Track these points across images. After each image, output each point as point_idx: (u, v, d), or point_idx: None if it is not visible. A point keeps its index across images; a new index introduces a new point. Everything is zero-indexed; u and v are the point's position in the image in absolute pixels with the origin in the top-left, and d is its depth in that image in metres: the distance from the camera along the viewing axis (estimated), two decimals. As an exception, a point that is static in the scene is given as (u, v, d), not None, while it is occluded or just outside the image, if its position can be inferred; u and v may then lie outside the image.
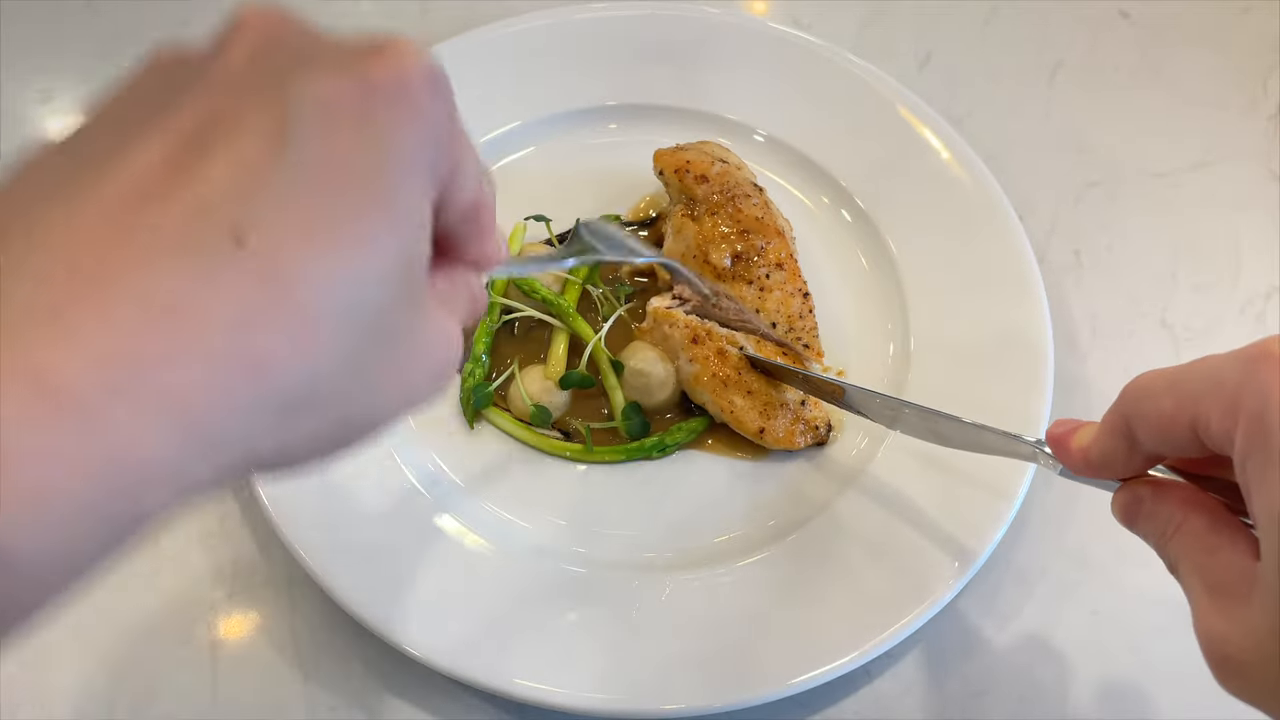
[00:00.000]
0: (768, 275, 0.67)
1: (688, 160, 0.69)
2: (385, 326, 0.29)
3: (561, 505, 0.64)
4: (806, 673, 0.56)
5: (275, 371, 0.25)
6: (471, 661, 0.56)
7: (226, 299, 0.24)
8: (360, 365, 0.28)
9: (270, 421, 0.26)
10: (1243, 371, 0.35)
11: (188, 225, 0.24)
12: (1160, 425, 0.38)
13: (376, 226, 0.27)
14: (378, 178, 0.27)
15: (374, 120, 0.27)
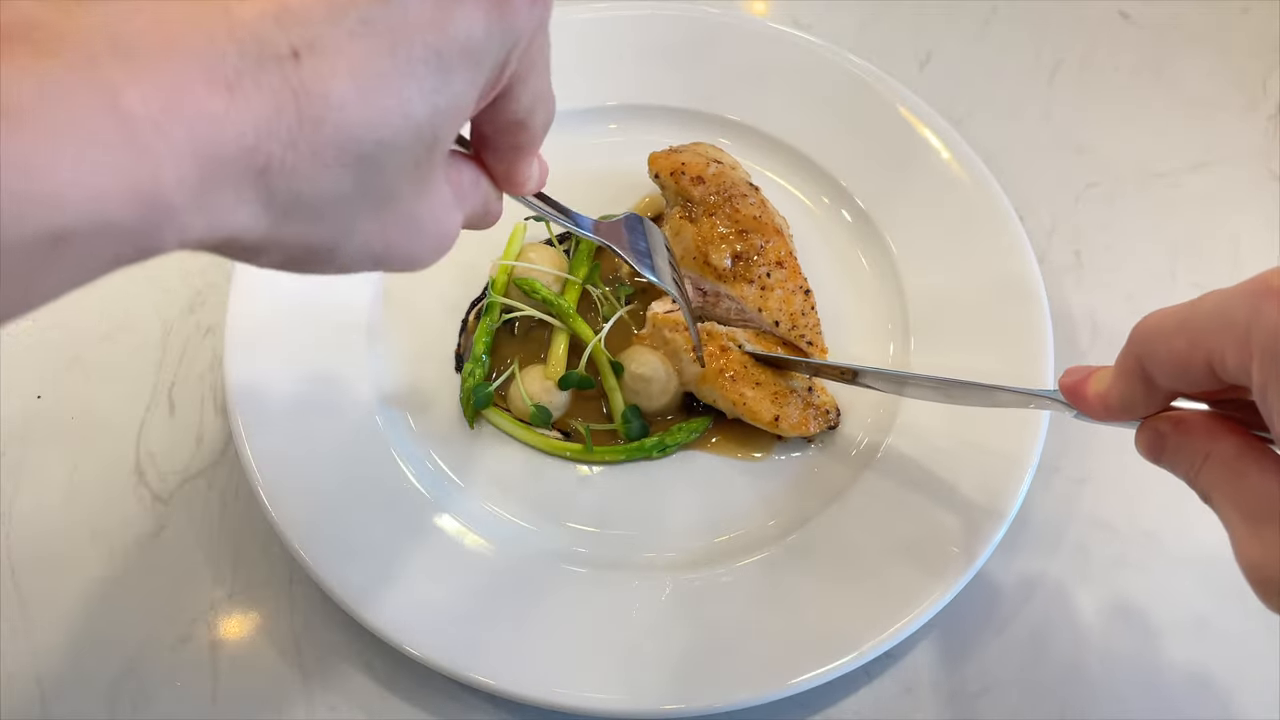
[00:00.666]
0: (768, 274, 0.67)
1: (683, 162, 0.69)
2: (384, 183, 0.30)
3: (561, 505, 0.64)
4: (806, 673, 0.56)
5: (275, 178, 0.27)
6: (471, 661, 0.56)
7: (266, 101, 0.26)
8: (350, 205, 0.30)
9: (261, 213, 0.28)
10: (1249, 307, 0.36)
11: (261, 21, 0.26)
12: (1176, 364, 0.38)
13: (413, 95, 0.29)
14: (438, 59, 0.29)
15: (461, 6, 0.29)
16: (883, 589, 0.58)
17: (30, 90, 0.23)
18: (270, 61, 0.26)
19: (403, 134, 0.29)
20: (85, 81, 0.24)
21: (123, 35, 0.24)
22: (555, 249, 0.72)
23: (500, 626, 0.58)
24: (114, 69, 0.24)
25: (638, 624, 0.58)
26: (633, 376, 0.66)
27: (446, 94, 0.30)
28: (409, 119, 0.29)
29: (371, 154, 0.29)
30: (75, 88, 0.23)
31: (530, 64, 0.34)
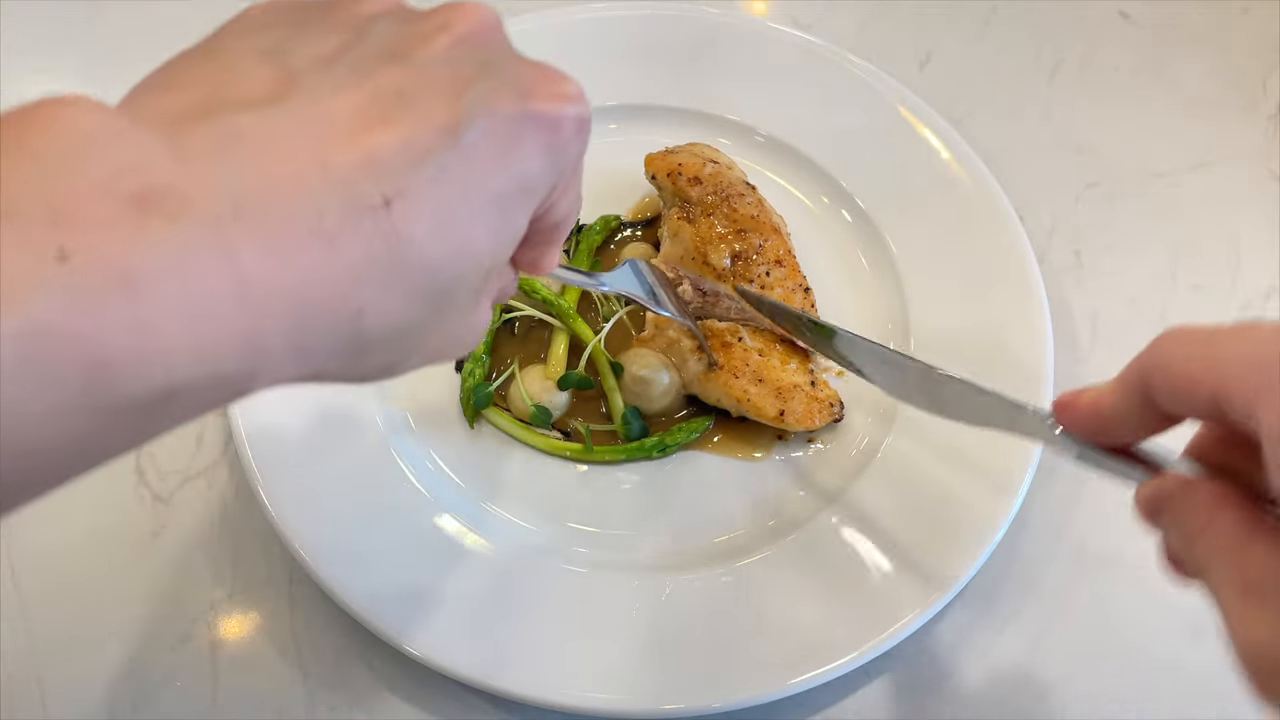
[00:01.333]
0: (768, 273, 0.67)
1: (679, 163, 0.69)
2: (449, 306, 0.33)
3: (561, 505, 0.64)
4: (806, 673, 0.56)
5: (366, 320, 0.29)
6: (471, 661, 0.56)
7: (359, 249, 0.28)
8: (419, 329, 0.32)
9: (344, 354, 0.30)
10: (1274, 349, 0.33)
11: (354, 173, 0.28)
12: (1184, 384, 0.36)
13: (485, 231, 0.32)
14: (500, 194, 0.32)
15: (522, 145, 0.32)
16: (882, 589, 0.58)
17: (162, 258, 0.24)
18: (366, 211, 0.28)
19: (472, 268, 0.32)
20: (211, 245, 0.25)
21: (241, 196, 0.26)
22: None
23: (500, 626, 0.58)
24: (234, 230, 0.25)
25: (637, 624, 0.58)
26: (633, 378, 0.66)
27: (509, 228, 0.33)
28: (478, 255, 0.32)
29: (445, 288, 0.31)
30: (203, 252, 0.25)
31: (572, 183, 0.37)
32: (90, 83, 0.84)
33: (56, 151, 0.24)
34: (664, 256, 0.69)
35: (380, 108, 0.29)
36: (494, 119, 0.31)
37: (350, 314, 0.29)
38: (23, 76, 0.84)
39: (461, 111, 0.31)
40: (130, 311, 0.23)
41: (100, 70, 0.85)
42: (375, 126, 0.29)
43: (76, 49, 0.86)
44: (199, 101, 0.28)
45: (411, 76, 0.31)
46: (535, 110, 0.33)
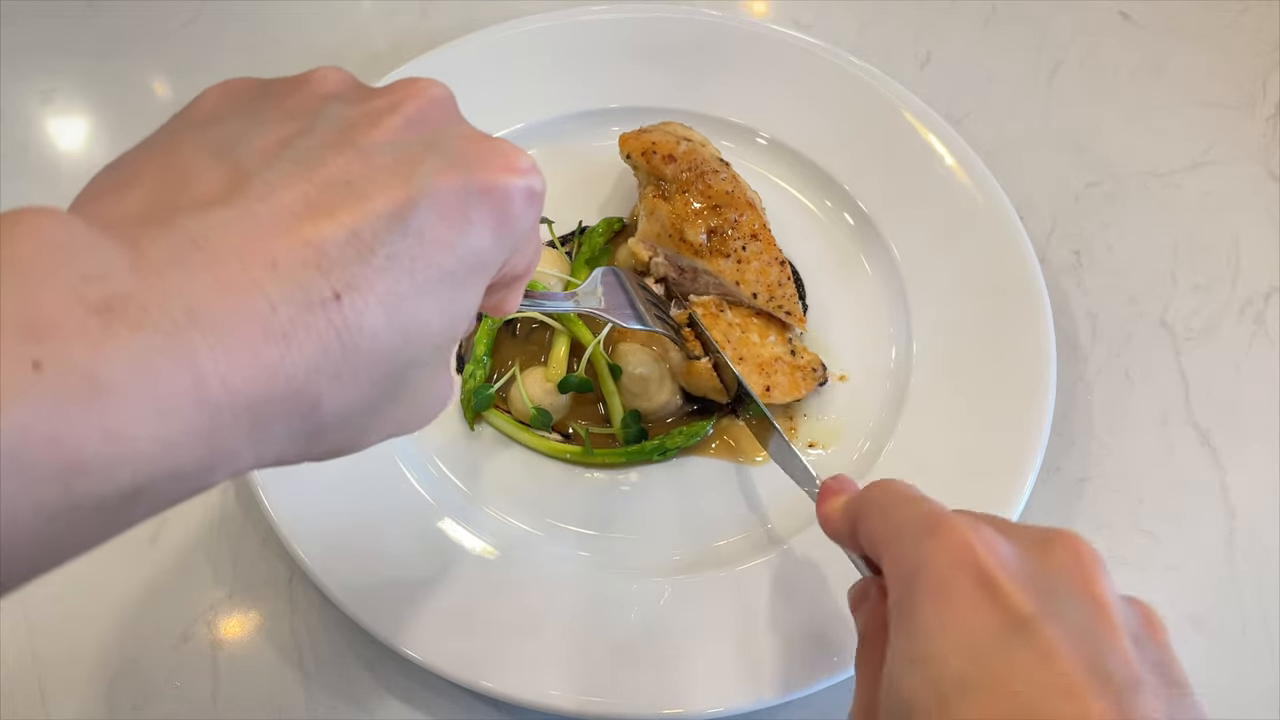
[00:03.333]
0: (744, 247, 0.67)
1: (653, 141, 0.70)
2: (409, 383, 0.33)
3: (560, 508, 0.64)
4: (806, 678, 0.56)
5: (322, 410, 0.30)
6: (469, 663, 0.56)
7: (313, 342, 0.29)
8: (378, 410, 0.33)
9: (299, 440, 0.31)
10: (915, 537, 0.38)
11: (303, 270, 0.28)
12: (867, 538, 0.42)
13: (436, 312, 0.32)
14: (451, 273, 0.32)
15: (469, 222, 0.32)
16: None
17: (126, 365, 0.25)
18: (317, 306, 0.28)
19: (425, 348, 0.32)
20: (170, 350, 0.26)
21: (196, 302, 0.26)
22: (557, 251, 0.72)
23: (499, 629, 0.57)
24: (190, 335, 0.26)
25: (637, 627, 0.58)
26: (631, 377, 0.66)
27: (462, 305, 0.33)
28: (430, 335, 0.32)
29: (399, 371, 0.32)
30: (163, 358, 0.26)
31: (527, 250, 0.37)
32: (90, 82, 0.84)
33: (29, 263, 0.25)
34: (641, 235, 0.70)
35: (327, 199, 0.30)
36: (441, 199, 0.31)
37: (307, 406, 0.29)
38: (23, 76, 0.84)
39: (408, 195, 0.31)
40: (99, 416, 0.25)
41: (100, 70, 0.85)
42: (321, 220, 0.29)
43: (76, 49, 0.86)
44: (154, 204, 0.29)
45: (358, 164, 0.31)
46: (483, 185, 0.33)
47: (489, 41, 0.78)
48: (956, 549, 0.37)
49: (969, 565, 0.36)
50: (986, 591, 0.35)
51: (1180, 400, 0.70)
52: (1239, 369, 0.72)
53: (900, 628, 0.37)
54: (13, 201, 0.84)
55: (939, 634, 0.35)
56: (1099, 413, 0.70)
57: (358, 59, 0.85)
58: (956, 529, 0.37)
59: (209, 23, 0.87)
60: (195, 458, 0.27)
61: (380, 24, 0.87)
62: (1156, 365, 0.72)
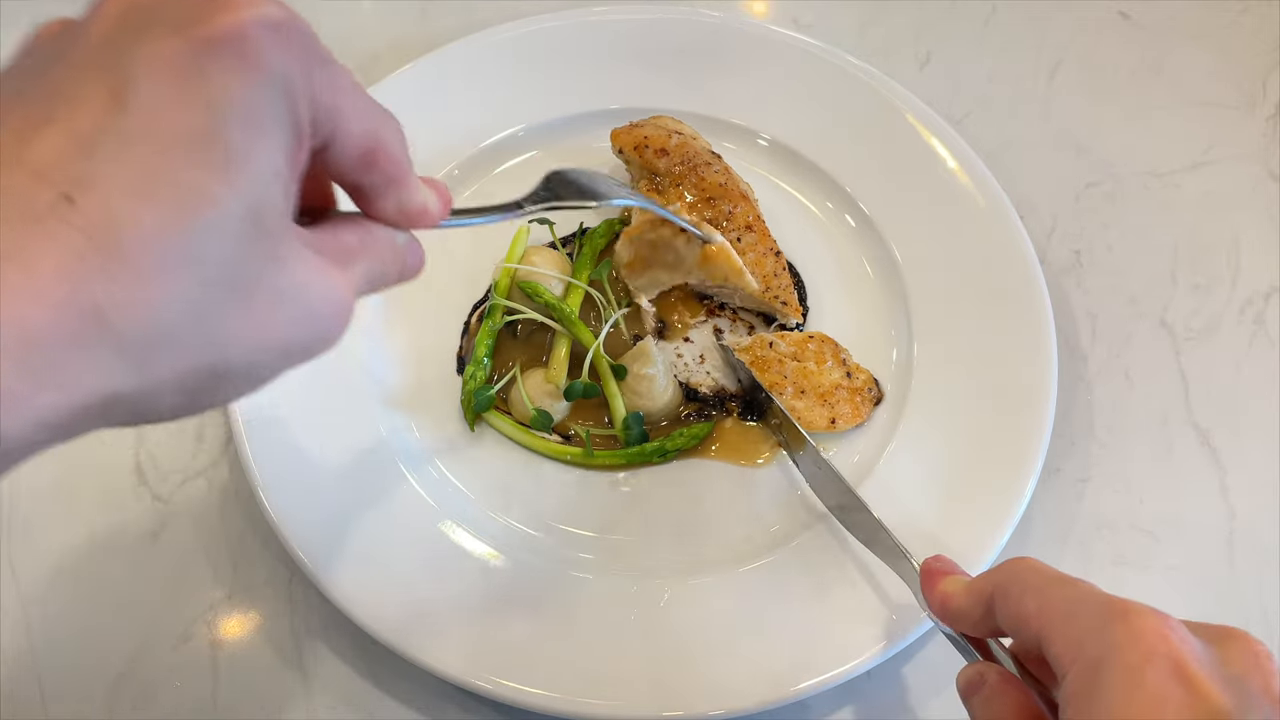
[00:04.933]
0: (739, 239, 0.68)
1: (645, 136, 0.70)
2: (232, 276, 0.30)
3: (561, 509, 0.64)
4: (808, 679, 0.56)
5: (113, 316, 0.27)
6: (469, 665, 0.56)
7: (58, 252, 0.26)
8: (209, 313, 0.29)
9: (120, 364, 0.28)
10: (1099, 621, 0.37)
11: (24, 188, 0.26)
12: (1016, 619, 0.41)
13: (210, 181, 0.28)
14: (209, 134, 0.29)
15: (204, 75, 0.29)
16: (886, 594, 0.58)
17: None
18: (46, 216, 0.26)
19: (210, 219, 0.29)
20: None
21: None
22: (559, 251, 0.72)
23: (498, 629, 0.57)
24: None
25: (637, 629, 0.58)
26: (635, 377, 0.66)
27: (244, 164, 0.29)
28: (208, 201, 0.28)
29: (191, 249, 0.28)
30: None
31: (334, 97, 0.33)
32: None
33: None
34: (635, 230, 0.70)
35: (39, 113, 0.28)
36: (158, 65, 0.28)
37: (87, 320, 0.27)
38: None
39: (121, 77, 0.28)
40: None
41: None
42: (31, 136, 0.27)
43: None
44: None
45: (65, 73, 0.29)
46: (205, 36, 0.29)
47: (489, 41, 0.78)
48: (1150, 637, 0.35)
49: (1164, 656, 0.35)
50: (1183, 683, 0.34)
51: (1180, 400, 0.70)
52: (1239, 369, 0.72)
53: (1082, 711, 0.35)
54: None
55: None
56: (1099, 413, 0.70)
57: (358, 59, 0.84)
58: (1147, 616, 0.36)
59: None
60: None
61: (380, 24, 0.87)
62: (1156, 365, 0.72)
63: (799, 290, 0.72)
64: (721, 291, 0.70)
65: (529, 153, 0.77)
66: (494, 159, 0.77)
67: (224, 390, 0.32)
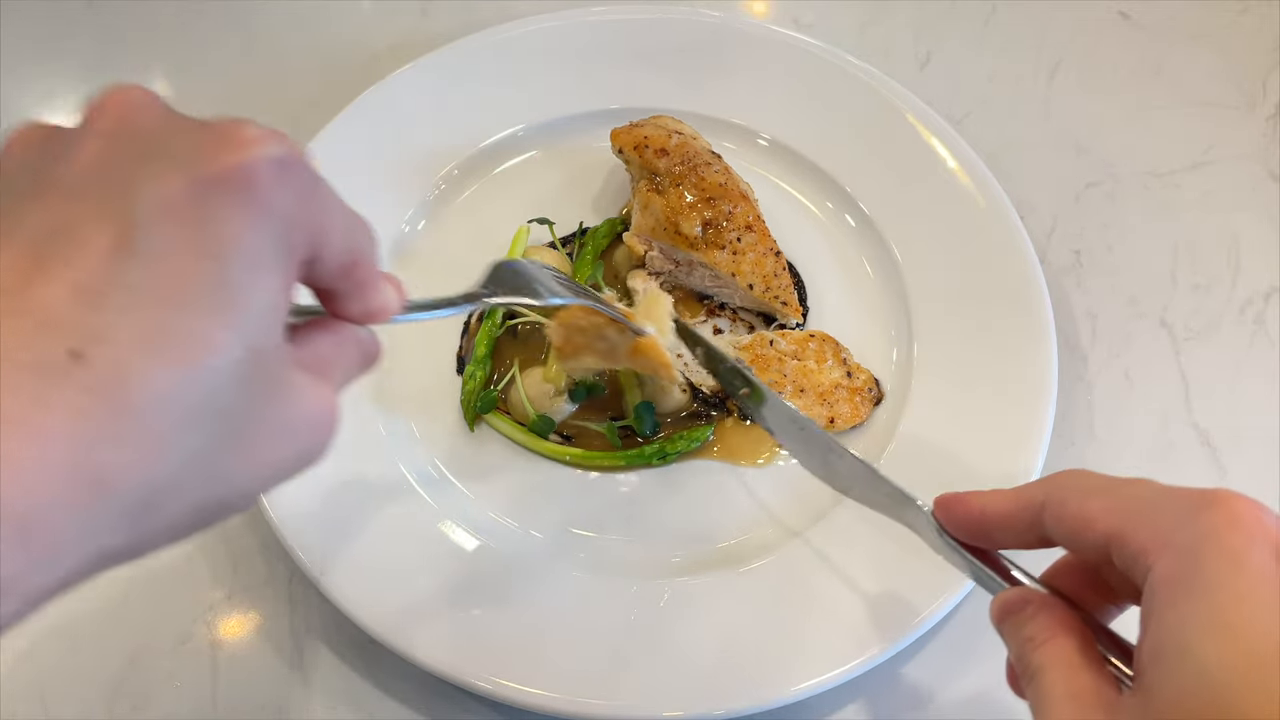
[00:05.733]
0: (739, 239, 0.68)
1: (645, 135, 0.70)
2: (234, 418, 0.29)
3: (560, 509, 0.64)
4: (805, 680, 0.56)
5: (116, 481, 0.26)
6: (469, 665, 0.56)
7: (65, 415, 0.25)
8: (210, 458, 0.29)
9: (117, 524, 0.27)
10: (1188, 508, 0.36)
11: (31, 340, 0.25)
12: (1078, 521, 0.40)
13: (216, 328, 0.28)
14: (216, 279, 0.28)
15: (210, 219, 0.28)
16: (886, 594, 0.58)
17: None
18: (56, 376, 0.25)
19: (218, 369, 0.28)
20: None
21: None
22: (559, 251, 0.72)
23: (498, 629, 0.57)
24: None
25: (637, 629, 0.58)
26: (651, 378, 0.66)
27: (248, 306, 0.29)
28: (214, 349, 0.28)
29: (197, 402, 0.27)
30: None
31: (323, 219, 0.32)
32: (89, 82, 0.84)
33: None
34: (635, 229, 0.70)
35: (36, 256, 0.26)
36: (166, 209, 0.27)
37: (90, 487, 0.25)
38: (22, 76, 0.84)
39: (127, 219, 0.27)
40: None
41: (99, 70, 0.85)
42: (34, 281, 0.26)
43: (76, 49, 0.86)
44: None
45: (61, 206, 0.27)
46: (211, 175, 0.28)
47: (489, 41, 0.78)
48: (1249, 520, 0.35)
49: (1263, 538, 0.35)
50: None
51: (1180, 400, 0.70)
52: (1239, 369, 0.72)
53: (1187, 599, 0.34)
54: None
55: (1242, 601, 0.33)
56: (1099, 413, 0.70)
57: (358, 59, 0.84)
58: (1240, 500, 0.36)
59: (208, 22, 0.87)
60: None
61: (380, 24, 0.87)
62: (1156, 365, 0.72)
63: (799, 290, 0.72)
64: (722, 291, 0.70)
65: (529, 153, 0.77)
66: (494, 159, 0.77)
67: (219, 517, 0.31)
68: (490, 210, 0.75)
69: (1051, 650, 0.40)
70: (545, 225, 0.73)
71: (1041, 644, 0.40)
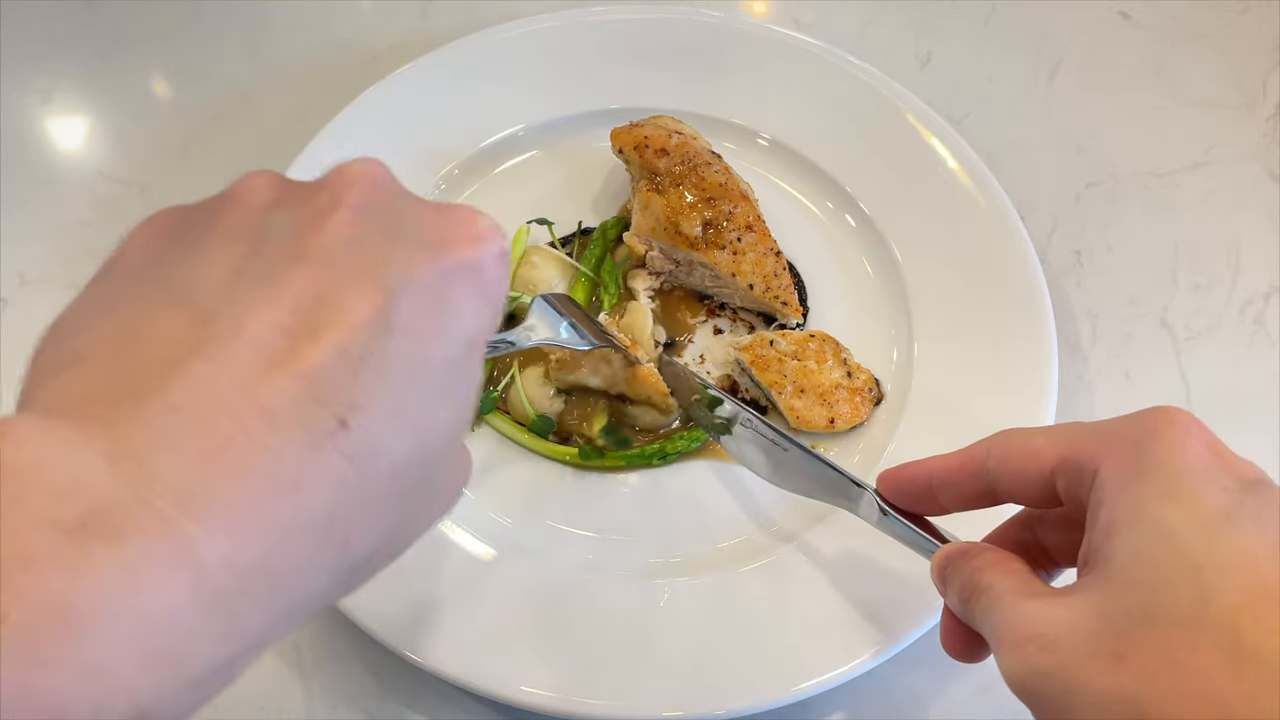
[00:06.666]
0: (739, 239, 0.68)
1: (645, 135, 0.70)
2: (436, 479, 0.33)
3: (560, 509, 0.64)
4: (806, 681, 0.56)
5: (356, 543, 0.28)
6: (468, 665, 0.56)
7: (331, 480, 0.27)
8: (410, 518, 0.32)
9: (345, 578, 0.30)
10: (1127, 421, 0.39)
11: (301, 407, 0.26)
12: (1023, 457, 0.42)
13: (444, 402, 0.31)
14: (451, 358, 0.31)
15: (454, 302, 0.31)
16: (886, 595, 0.58)
17: (103, 586, 0.23)
18: (325, 441, 0.26)
19: (442, 440, 0.31)
20: (161, 552, 0.24)
21: (186, 483, 0.24)
22: (559, 251, 0.72)
23: (498, 630, 0.57)
24: (185, 525, 0.24)
25: (636, 629, 0.58)
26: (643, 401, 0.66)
27: (466, 387, 0.32)
28: (444, 427, 0.31)
29: (425, 474, 0.31)
30: (152, 565, 0.23)
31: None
32: (90, 82, 0.84)
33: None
34: (635, 229, 0.70)
35: (303, 321, 0.27)
36: (417, 288, 0.30)
37: (337, 549, 0.28)
38: (22, 76, 0.84)
39: (384, 294, 0.29)
40: (77, 654, 0.22)
41: (100, 70, 0.85)
42: (304, 345, 0.27)
43: (76, 48, 0.86)
44: (119, 375, 0.26)
45: (322, 273, 0.29)
46: (456, 262, 0.31)
47: (489, 41, 0.77)
48: (1185, 420, 0.38)
49: (1198, 433, 0.38)
50: (1218, 456, 0.38)
51: (1180, 400, 0.70)
52: (1239, 369, 0.72)
53: (1138, 479, 0.36)
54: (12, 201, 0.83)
55: (1190, 474, 0.36)
56: (1099, 413, 0.70)
57: (358, 59, 0.84)
58: (1174, 409, 0.39)
59: (209, 22, 0.87)
60: (210, 657, 0.25)
61: (380, 24, 0.87)
62: (1156, 365, 0.72)
63: (799, 290, 0.72)
64: (722, 291, 0.70)
65: (529, 153, 0.77)
66: (494, 159, 0.77)
67: (376, 572, 0.33)
68: (490, 210, 0.71)
69: (999, 569, 0.41)
70: (545, 225, 0.73)
71: (989, 567, 0.41)
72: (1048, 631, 0.36)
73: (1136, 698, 0.32)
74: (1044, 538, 0.46)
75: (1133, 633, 0.33)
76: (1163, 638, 0.33)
